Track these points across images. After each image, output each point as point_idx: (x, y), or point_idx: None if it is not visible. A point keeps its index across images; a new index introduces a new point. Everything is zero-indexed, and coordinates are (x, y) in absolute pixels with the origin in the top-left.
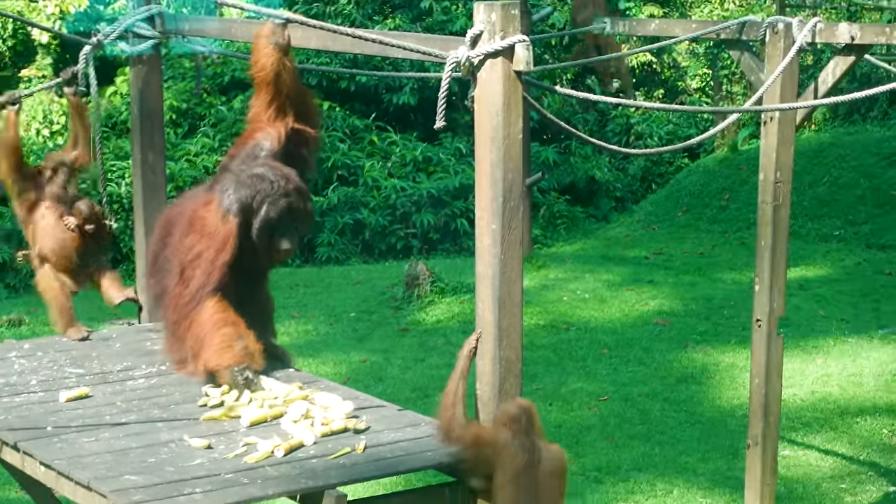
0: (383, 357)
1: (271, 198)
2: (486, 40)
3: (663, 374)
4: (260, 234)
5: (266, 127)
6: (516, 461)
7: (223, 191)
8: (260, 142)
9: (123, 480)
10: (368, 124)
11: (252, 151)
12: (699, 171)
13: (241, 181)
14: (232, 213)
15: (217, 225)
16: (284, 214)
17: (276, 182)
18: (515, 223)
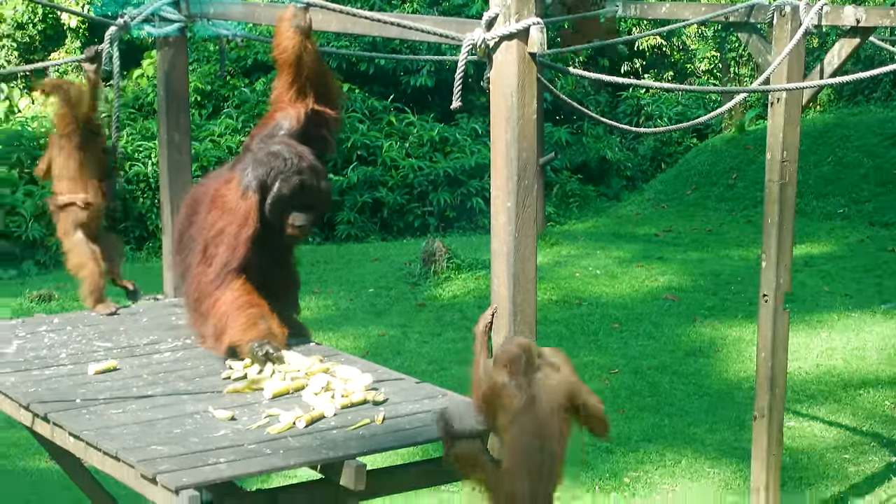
0: (401, 331)
1: (284, 174)
2: (502, 23)
3: (672, 348)
4: (273, 209)
5: (286, 107)
6: (514, 402)
7: (243, 169)
8: (279, 122)
9: (150, 450)
10: (387, 105)
11: (271, 131)
12: (707, 151)
13: (259, 159)
14: (251, 189)
15: (237, 202)
16: (297, 191)
17: (290, 159)
18: (529, 201)
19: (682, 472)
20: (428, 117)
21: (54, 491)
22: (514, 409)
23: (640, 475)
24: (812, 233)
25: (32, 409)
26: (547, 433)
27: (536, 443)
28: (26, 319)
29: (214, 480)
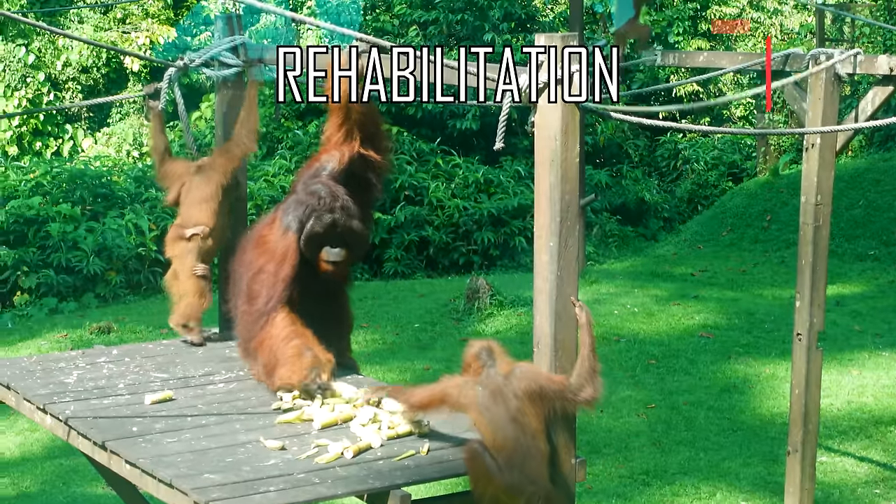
0: (445, 365)
1: (317, 212)
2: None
3: (707, 384)
4: (306, 245)
5: (332, 149)
6: (471, 394)
7: (285, 209)
8: (323, 163)
9: (203, 479)
10: (434, 148)
11: (315, 172)
12: (742, 194)
13: (300, 199)
14: (291, 229)
15: (277, 241)
16: (329, 228)
17: (324, 198)
18: (571, 241)
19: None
20: (473, 160)
21: None
22: (474, 401)
23: None
24: (844, 274)
25: (91, 436)
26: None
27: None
28: (86, 350)
29: None
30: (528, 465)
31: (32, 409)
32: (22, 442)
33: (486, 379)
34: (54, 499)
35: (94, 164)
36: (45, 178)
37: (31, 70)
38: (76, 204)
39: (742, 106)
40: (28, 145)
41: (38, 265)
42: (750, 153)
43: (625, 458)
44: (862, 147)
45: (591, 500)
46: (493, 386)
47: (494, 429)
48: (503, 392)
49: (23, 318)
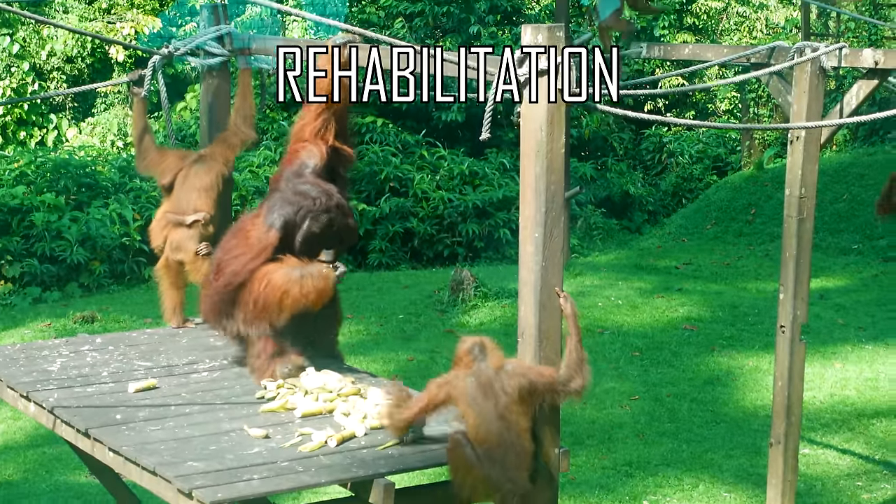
0: (429, 356)
1: (313, 213)
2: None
3: (691, 376)
4: (303, 247)
5: (309, 144)
6: (461, 386)
7: (270, 207)
8: (304, 160)
9: (187, 466)
10: (419, 140)
11: (298, 169)
12: (727, 188)
13: (286, 198)
14: (275, 227)
15: (258, 236)
16: (326, 229)
17: (319, 198)
18: (557, 232)
19: (700, 496)
20: (458, 151)
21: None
22: (465, 394)
23: (658, 499)
24: (827, 267)
25: (74, 424)
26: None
27: (501, 422)
28: (70, 339)
29: (248, 496)
30: (509, 462)
31: (16, 396)
32: (4, 430)
33: (477, 372)
34: (37, 487)
35: (79, 154)
36: (30, 167)
37: (15, 60)
38: (60, 193)
39: (727, 100)
40: (12, 135)
41: (22, 254)
42: (734, 147)
43: (608, 450)
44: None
45: (574, 490)
46: (484, 380)
47: (480, 422)
48: (493, 387)
49: (6, 308)
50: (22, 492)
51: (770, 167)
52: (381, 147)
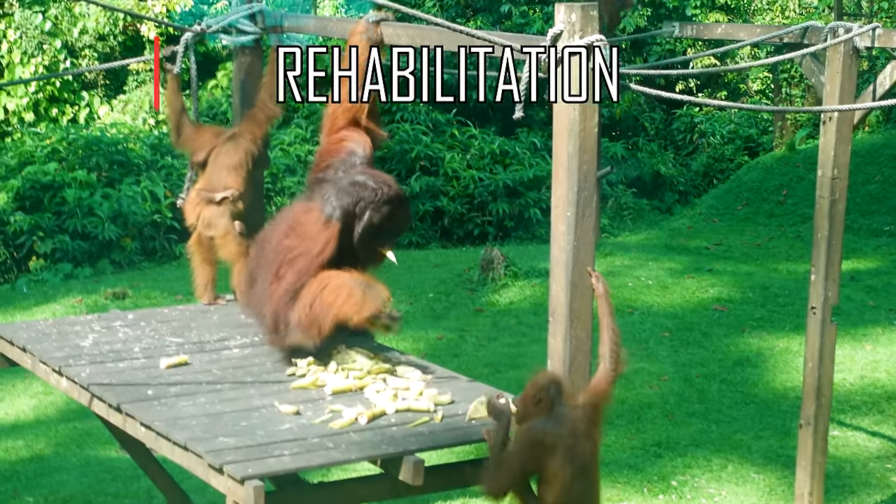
0: (459, 335)
1: (374, 205)
2: (566, 39)
3: (721, 357)
4: (362, 238)
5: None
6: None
7: (324, 199)
8: (352, 149)
9: (218, 442)
10: (450, 118)
11: (347, 159)
12: (758, 168)
13: (342, 189)
14: (334, 218)
15: (318, 229)
16: (386, 221)
17: (379, 189)
18: (589, 212)
19: (729, 477)
20: (489, 131)
21: (124, 479)
22: (562, 448)
23: (687, 479)
24: (859, 249)
25: (106, 399)
26: (588, 461)
27: (584, 477)
28: (102, 315)
29: (278, 472)
30: None
31: (48, 371)
32: (36, 405)
33: (562, 420)
34: (68, 461)
35: (111, 131)
36: (62, 144)
37: (47, 37)
38: (92, 170)
39: (759, 80)
40: (44, 112)
41: (54, 231)
42: (766, 127)
43: (637, 430)
44: (879, 122)
45: (603, 470)
46: (570, 429)
47: (569, 483)
48: (578, 437)
49: (38, 283)
50: (53, 466)
51: (802, 148)
52: (411, 126)
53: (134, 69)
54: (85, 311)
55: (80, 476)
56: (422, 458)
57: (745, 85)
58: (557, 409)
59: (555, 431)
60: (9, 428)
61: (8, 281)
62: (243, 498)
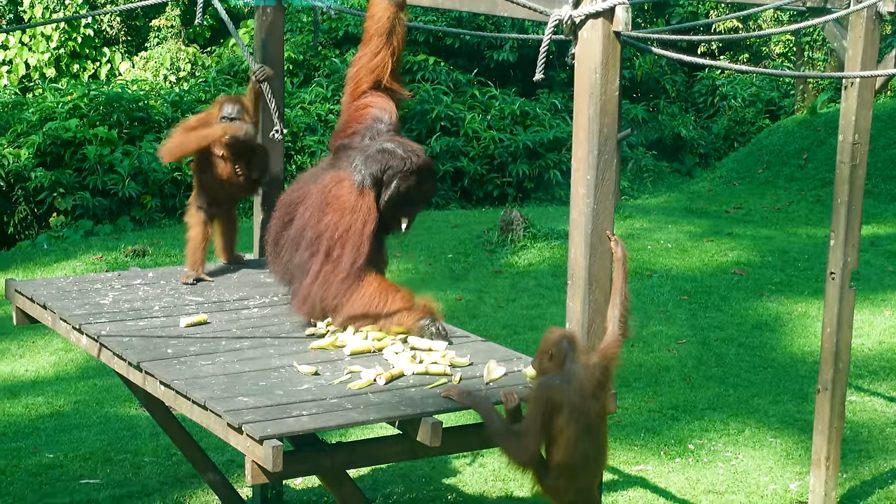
0: (477, 296)
1: (402, 174)
2: (588, 1)
3: (739, 321)
4: (388, 206)
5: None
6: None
7: (353, 167)
8: (378, 115)
9: (237, 401)
10: (470, 79)
11: (372, 125)
12: (779, 132)
13: (370, 156)
14: (367, 185)
15: (356, 199)
16: (413, 190)
17: (407, 158)
18: (609, 174)
19: (746, 441)
20: (510, 91)
21: (143, 437)
22: (568, 406)
23: (704, 442)
24: (879, 214)
25: (126, 357)
26: (595, 421)
27: (589, 436)
28: (122, 273)
29: (297, 432)
30: (588, 481)
31: (68, 328)
32: (56, 361)
33: (571, 376)
34: (88, 418)
35: (132, 88)
36: (83, 100)
37: None
38: (113, 127)
39: (781, 43)
40: (66, 67)
41: (75, 187)
42: (788, 91)
43: (654, 393)
44: None
45: (620, 433)
46: (579, 387)
47: (574, 441)
48: (585, 395)
49: (58, 240)
50: (73, 423)
51: (823, 112)
52: (432, 86)
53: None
54: (105, 269)
55: (99, 433)
56: (440, 419)
57: (767, 48)
58: (569, 365)
59: (563, 388)
60: (29, 384)
61: (28, 237)
62: (262, 457)
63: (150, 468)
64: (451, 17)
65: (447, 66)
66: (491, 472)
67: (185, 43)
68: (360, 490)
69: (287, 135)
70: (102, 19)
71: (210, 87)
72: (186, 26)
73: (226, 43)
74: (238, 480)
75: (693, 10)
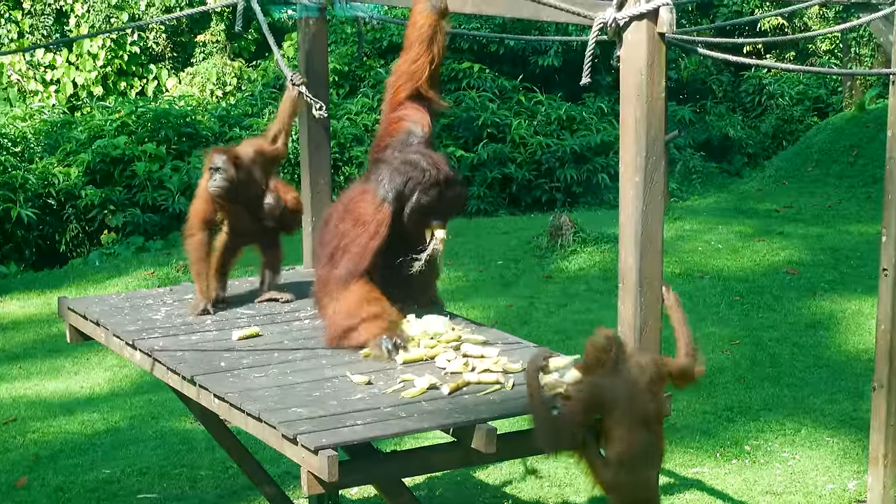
0: (528, 302)
1: (423, 186)
2: (632, 3)
3: (792, 321)
4: (411, 219)
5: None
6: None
7: (378, 180)
8: (410, 129)
9: (291, 412)
10: (516, 85)
11: (405, 139)
12: (828, 129)
13: (396, 168)
14: (387, 201)
15: (371, 213)
16: (435, 202)
17: (428, 170)
18: (657, 176)
19: (802, 441)
20: (555, 96)
21: (199, 451)
22: (620, 400)
23: (760, 443)
24: None
25: (179, 371)
26: (652, 417)
27: (646, 430)
28: (174, 287)
29: (351, 441)
30: (645, 473)
31: (122, 344)
32: (111, 378)
33: (623, 375)
34: (143, 433)
35: (179, 104)
36: (130, 117)
37: (114, 10)
38: (161, 143)
39: (828, 40)
40: (113, 85)
41: (125, 204)
42: (836, 87)
43: (709, 395)
44: None
45: (675, 435)
46: (631, 385)
47: (629, 436)
48: (639, 392)
49: (110, 257)
50: (128, 438)
51: (872, 108)
52: (478, 93)
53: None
54: (157, 284)
55: (155, 448)
56: (494, 426)
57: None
58: (617, 364)
59: (611, 385)
60: (84, 401)
61: (80, 255)
62: (317, 467)
63: (207, 482)
64: (495, 24)
65: (492, 73)
66: (547, 478)
67: (230, 57)
68: (416, 499)
69: (334, 146)
70: (148, 36)
71: (256, 100)
72: (231, 41)
73: (271, 56)
74: (294, 492)
75: (738, 10)
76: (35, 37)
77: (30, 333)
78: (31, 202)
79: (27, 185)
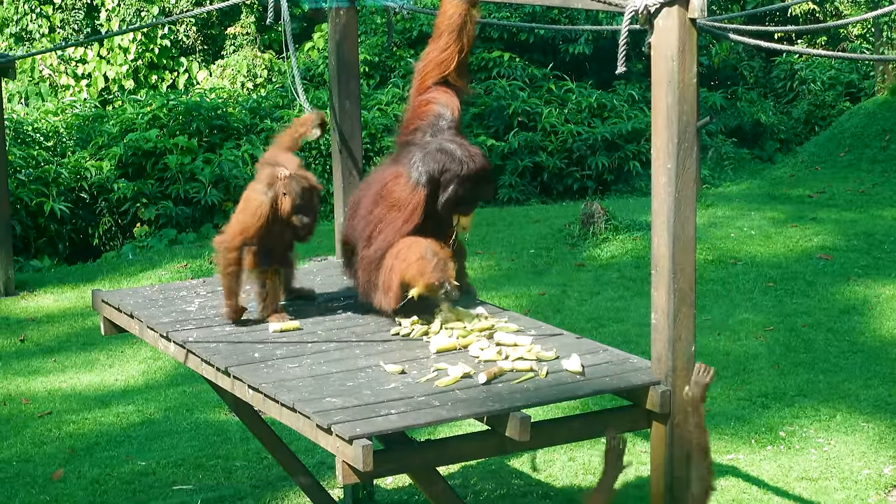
0: (561, 290)
1: (460, 178)
2: None
3: (826, 306)
4: (445, 208)
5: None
6: None
7: (411, 164)
8: (440, 112)
9: (325, 402)
10: (546, 73)
11: (434, 122)
12: (860, 114)
13: (429, 153)
14: (421, 184)
15: (406, 196)
16: (470, 193)
17: (466, 163)
18: (689, 163)
19: (837, 426)
20: (586, 84)
21: (234, 442)
22: None
23: (795, 429)
24: None
25: (214, 363)
26: None
27: None
28: (207, 279)
29: (386, 430)
30: None
31: (156, 336)
32: (145, 370)
33: None
34: (178, 425)
35: (210, 97)
36: (162, 110)
37: (145, 4)
38: (193, 136)
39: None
40: (144, 79)
41: (157, 197)
42: (868, 72)
43: (743, 381)
44: None
45: (710, 422)
46: None
47: None
48: None
49: (143, 250)
50: (164, 430)
51: None
52: (508, 81)
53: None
54: (190, 276)
55: (190, 439)
56: (528, 414)
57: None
58: None
59: None
60: (119, 393)
61: (113, 248)
62: (352, 457)
63: (242, 472)
64: (525, 13)
65: (522, 62)
66: (581, 465)
67: (260, 49)
68: (451, 488)
69: (365, 136)
70: (178, 29)
71: (287, 92)
72: (262, 33)
73: (301, 48)
74: (329, 482)
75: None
76: (66, 31)
77: (64, 327)
78: (63, 196)
79: (60, 179)
